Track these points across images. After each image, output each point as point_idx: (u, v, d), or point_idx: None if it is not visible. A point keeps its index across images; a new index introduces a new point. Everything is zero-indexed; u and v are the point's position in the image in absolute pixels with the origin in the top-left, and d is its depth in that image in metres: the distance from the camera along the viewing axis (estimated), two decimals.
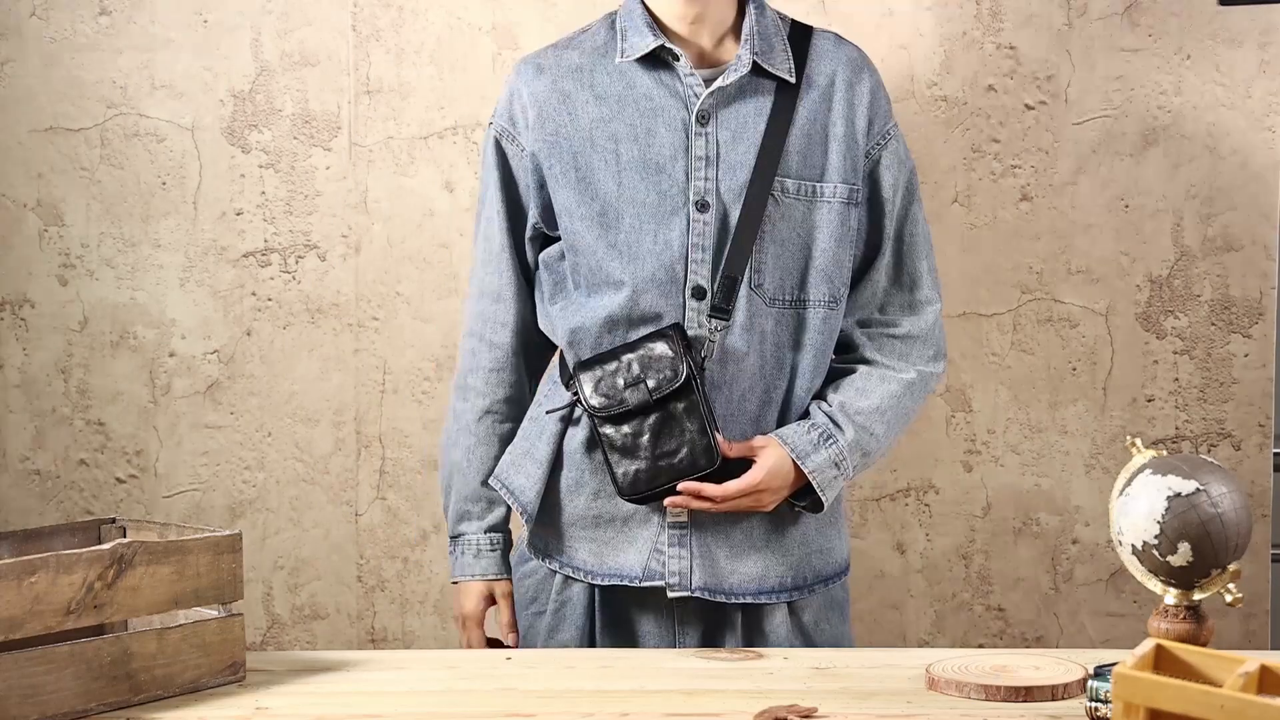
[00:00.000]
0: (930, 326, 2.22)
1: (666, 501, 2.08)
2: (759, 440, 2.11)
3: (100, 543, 1.89)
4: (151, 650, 1.76)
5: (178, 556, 1.79)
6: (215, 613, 1.83)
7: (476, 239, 2.27)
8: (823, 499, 2.12)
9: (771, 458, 2.09)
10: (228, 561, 1.84)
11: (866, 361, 2.20)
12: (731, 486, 2.07)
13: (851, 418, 2.14)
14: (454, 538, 2.28)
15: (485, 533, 2.25)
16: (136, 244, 2.85)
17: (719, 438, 2.07)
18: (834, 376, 2.19)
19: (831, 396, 2.16)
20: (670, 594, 2.12)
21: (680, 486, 2.07)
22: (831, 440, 2.12)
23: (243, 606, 1.88)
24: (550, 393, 2.21)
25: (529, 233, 2.22)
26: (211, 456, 2.87)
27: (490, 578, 2.25)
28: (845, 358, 2.22)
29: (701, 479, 2.06)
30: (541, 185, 2.18)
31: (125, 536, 1.91)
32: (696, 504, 2.08)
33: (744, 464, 2.10)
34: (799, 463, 2.10)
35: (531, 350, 2.27)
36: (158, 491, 2.87)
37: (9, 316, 2.86)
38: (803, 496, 2.14)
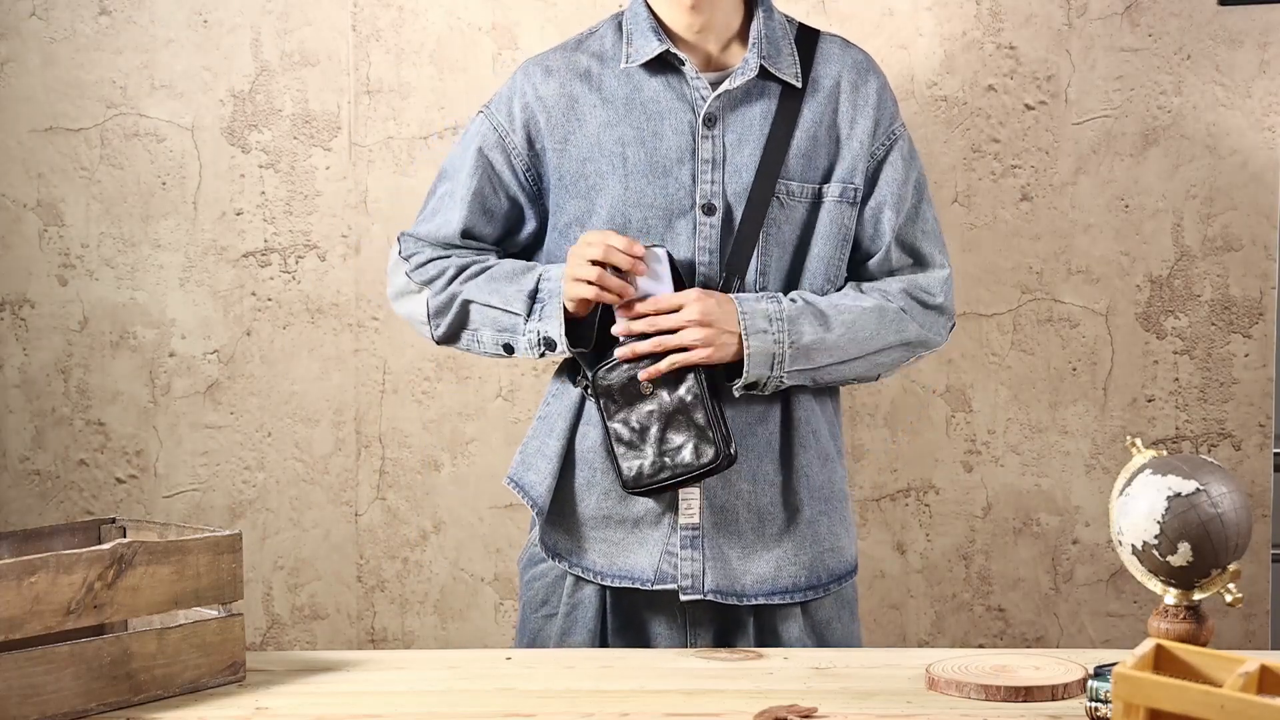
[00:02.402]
0: (934, 283, 2.19)
1: (617, 330, 2.06)
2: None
3: (100, 543, 1.89)
4: (151, 650, 1.76)
5: (178, 556, 1.79)
6: (215, 613, 1.83)
7: (426, 214, 2.24)
8: (745, 348, 2.05)
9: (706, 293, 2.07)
10: (228, 561, 1.84)
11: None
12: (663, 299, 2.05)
13: (807, 300, 2.11)
14: (533, 292, 2.12)
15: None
16: (136, 244, 2.85)
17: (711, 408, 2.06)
18: None
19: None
20: (683, 597, 2.12)
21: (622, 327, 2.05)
22: (774, 299, 2.09)
23: (243, 606, 1.88)
24: (558, 392, 2.21)
25: (518, 236, 2.22)
26: (211, 456, 2.87)
27: None
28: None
29: (707, 474, 2.06)
30: (545, 192, 2.18)
31: (125, 536, 1.91)
32: (610, 298, 2.04)
33: (751, 463, 2.11)
34: (736, 302, 2.06)
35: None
36: (158, 491, 2.87)
37: (9, 316, 2.86)
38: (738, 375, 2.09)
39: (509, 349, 2.15)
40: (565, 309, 2.08)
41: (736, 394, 2.09)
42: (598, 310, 2.10)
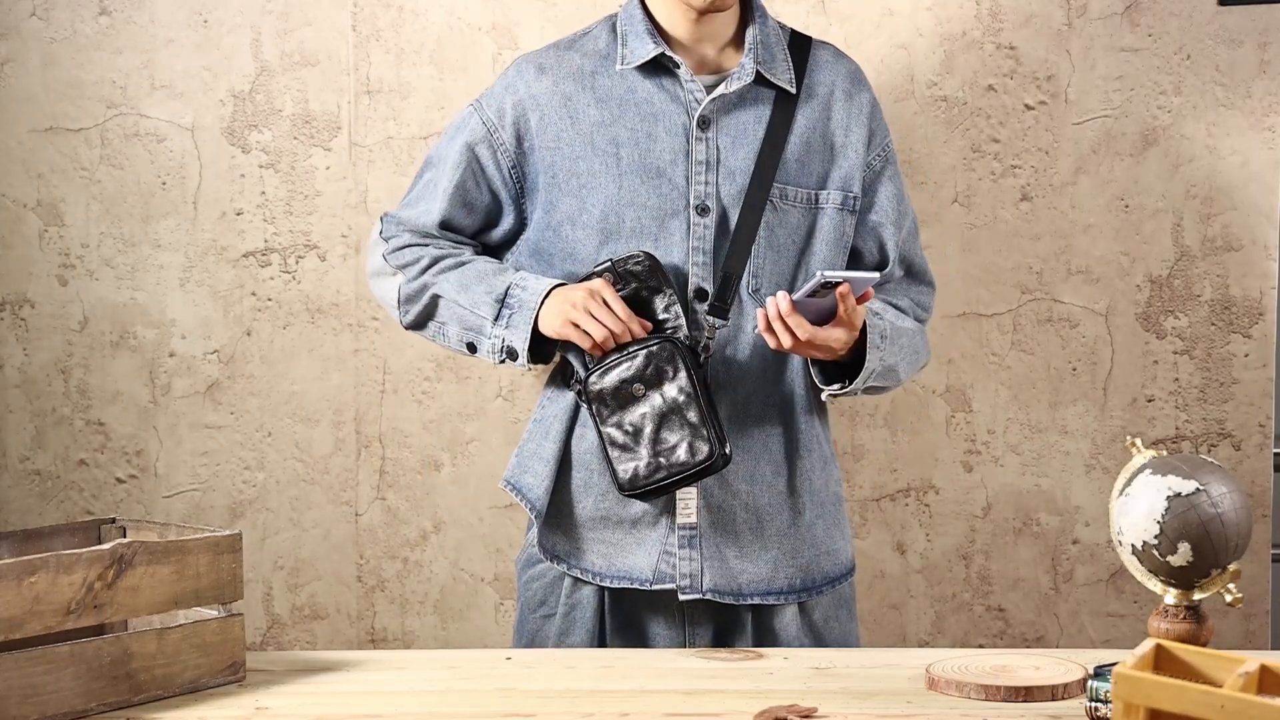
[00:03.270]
0: (930, 299, 2.31)
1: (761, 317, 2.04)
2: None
3: (100, 543, 1.89)
4: (151, 650, 1.76)
5: (178, 556, 1.79)
6: (215, 613, 1.83)
7: (410, 199, 2.26)
8: (868, 360, 2.10)
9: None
10: (228, 561, 1.84)
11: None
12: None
13: (890, 321, 2.17)
14: (501, 298, 2.14)
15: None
16: (136, 244, 2.85)
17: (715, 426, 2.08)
18: None
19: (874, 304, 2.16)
20: (682, 596, 2.12)
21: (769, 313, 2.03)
22: (878, 315, 2.14)
23: (243, 606, 1.88)
24: (553, 395, 2.22)
25: (494, 231, 2.24)
26: (211, 456, 2.87)
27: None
28: None
29: (701, 474, 2.07)
30: (529, 191, 2.19)
31: (125, 536, 1.91)
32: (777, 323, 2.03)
33: (749, 463, 2.13)
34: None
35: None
36: (158, 491, 2.87)
37: (9, 316, 2.86)
38: (834, 379, 2.15)
39: (472, 348, 2.18)
40: (536, 325, 2.10)
41: (825, 399, 2.16)
42: None
